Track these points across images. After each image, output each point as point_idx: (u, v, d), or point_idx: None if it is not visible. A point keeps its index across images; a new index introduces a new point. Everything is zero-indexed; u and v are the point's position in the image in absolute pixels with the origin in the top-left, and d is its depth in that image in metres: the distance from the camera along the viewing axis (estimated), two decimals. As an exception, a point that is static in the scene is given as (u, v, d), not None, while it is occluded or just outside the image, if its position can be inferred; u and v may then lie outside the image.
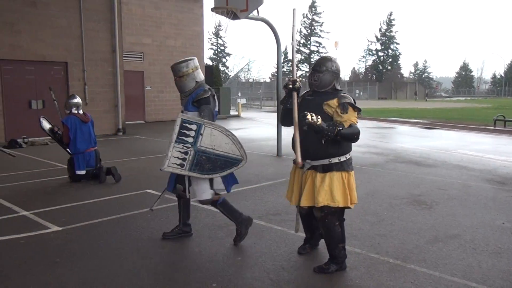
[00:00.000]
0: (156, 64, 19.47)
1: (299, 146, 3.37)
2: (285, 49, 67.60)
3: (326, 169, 3.44)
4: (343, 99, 3.41)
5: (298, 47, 69.34)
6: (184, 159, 3.76)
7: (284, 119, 3.83)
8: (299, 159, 3.36)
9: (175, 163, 3.76)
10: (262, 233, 4.53)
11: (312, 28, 68.95)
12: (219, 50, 67.87)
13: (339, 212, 3.55)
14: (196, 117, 3.97)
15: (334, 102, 3.41)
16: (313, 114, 3.26)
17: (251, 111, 28.35)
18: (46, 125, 7.44)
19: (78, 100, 7.15)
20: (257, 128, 16.77)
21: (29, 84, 12.47)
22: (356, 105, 3.46)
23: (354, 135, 3.37)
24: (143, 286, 3.35)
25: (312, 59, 67.16)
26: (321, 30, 69.28)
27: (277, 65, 10.06)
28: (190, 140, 3.74)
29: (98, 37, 13.68)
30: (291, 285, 3.37)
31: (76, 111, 7.03)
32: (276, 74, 10.82)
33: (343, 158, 3.48)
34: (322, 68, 3.53)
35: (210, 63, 38.51)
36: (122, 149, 10.94)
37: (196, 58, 4.41)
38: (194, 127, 3.75)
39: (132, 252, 4.02)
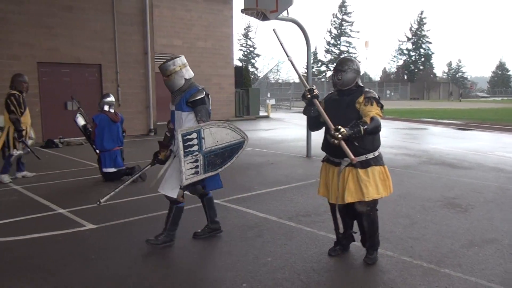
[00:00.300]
0: (186, 65, 19.69)
1: (345, 145, 3.40)
2: (315, 49, 67.28)
3: (365, 165, 3.61)
4: (368, 94, 3.63)
5: (328, 47, 68.77)
6: (197, 166, 3.87)
7: (312, 126, 3.93)
8: (352, 156, 3.38)
9: (191, 174, 3.86)
10: (292, 234, 4.52)
11: (342, 28, 68.28)
12: (248, 51, 68.06)
13: (376, 205, 3.76)
14: (192, 121, 4.06)
15: (361, 98, 3.61)
16: (336, 129, 3.36)
17: (281, 112, 28.30)
18: (81, 121, 7.69)
19: (111, 98, 7.33)
20: (287, 129, 16.74)
21: (65, 86, 12.86)
22: (380, 101, 3.64)
23: (377, 128, 3.51)
24: (175, 284, 3.41)
25: (342, 59, 66.30)
26: (351, 30, 68.54)
27: (307, 65, 10.02)
28: (196, 148, 3.83)
29: (130, 40, 13.99)
30: (321, 287, 3.35)
31: (108, 109, 7.23)
32: (305, 74, 10.79)
33: (376, 153, 3.68)
34: (345, 67, 3.71)
35: (239, 64, 38.75)
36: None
37: (183, 56, 4.34)
38: (194, 135, 3.82)
39: (164, 251, 4.09)
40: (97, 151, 7.25)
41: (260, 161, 9.08)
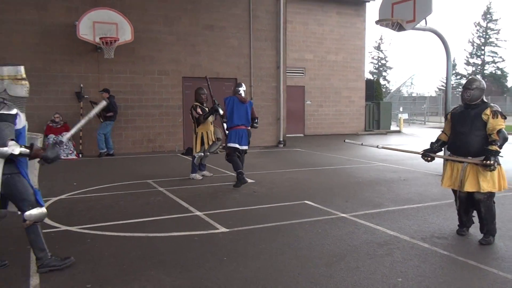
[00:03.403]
0: (316, 79, 19.90)
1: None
2: (453, 60, 62.41)
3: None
4: (493, 108, 4.46)
5: (468, 58, 63.23)
6: None
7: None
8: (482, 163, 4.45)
9: None
10: (426, 256, 4.23)
11: (487, 36, 62.17)
12: (380, 63, 65.91)
13: (493, 196, 4.56)
14: None
15: (488, 111, 4.44)
16: (490, 165, 4.30)
17: (414, 127, 26.80)
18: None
19: (243, 88, 8.12)
20: (420, 145, 15.74)
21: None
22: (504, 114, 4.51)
23: (506, 140, 4.41)
24: (301, 293, 3.43)
25: (486, 70, 60.53)
26: (497, 39, 61.97)
27: (447, 77, 9.35)
28: None
29: (264, 55, 14.62)
30: (459, 317, 3.07)
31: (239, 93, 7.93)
32: (445, 87, 10.06)
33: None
34: (473, 86, 4.53)
35: (370, 77, 37.81)
36: (282, 161, 11.40)
37: (22, 66, 3.59)
38: None
39: (291, 259, 4.15)
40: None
41: (392, 177, 8.69)
